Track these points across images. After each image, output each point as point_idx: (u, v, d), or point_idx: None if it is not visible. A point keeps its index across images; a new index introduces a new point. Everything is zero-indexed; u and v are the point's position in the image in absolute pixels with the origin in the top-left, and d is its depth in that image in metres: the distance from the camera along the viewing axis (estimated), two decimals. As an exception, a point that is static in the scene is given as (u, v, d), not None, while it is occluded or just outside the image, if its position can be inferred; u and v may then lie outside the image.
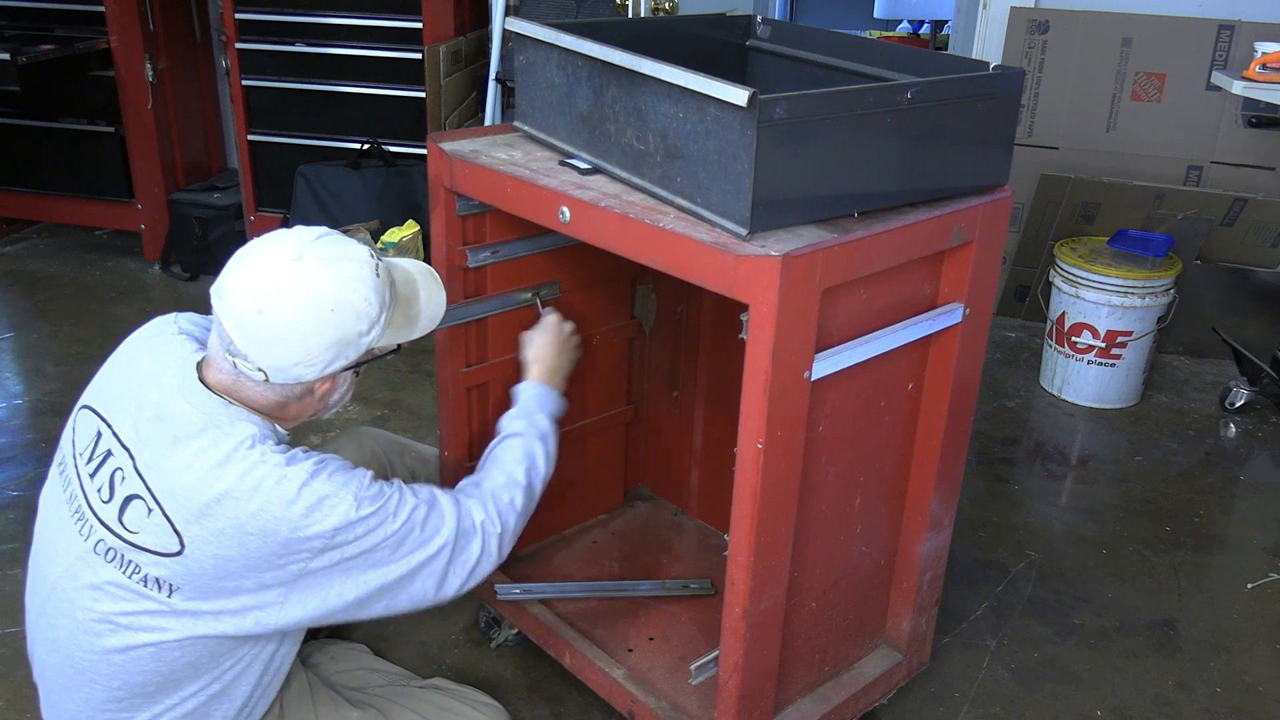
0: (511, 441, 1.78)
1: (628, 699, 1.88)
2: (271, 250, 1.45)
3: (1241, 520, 2.88)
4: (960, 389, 1.78)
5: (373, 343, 1.51)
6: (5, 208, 4.46)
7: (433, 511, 1.55)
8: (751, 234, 1.42)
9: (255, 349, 1.43)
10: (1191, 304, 3.54)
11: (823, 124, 1.42)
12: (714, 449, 2.38)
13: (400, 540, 1.50)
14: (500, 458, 1.75)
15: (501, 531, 1.63)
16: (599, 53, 1.60)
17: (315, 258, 1.44)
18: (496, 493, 1.67)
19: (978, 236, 1.65)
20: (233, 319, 1.42)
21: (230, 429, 1.45)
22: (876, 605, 1.97)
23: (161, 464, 1.44)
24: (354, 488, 1.46)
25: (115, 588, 1.45)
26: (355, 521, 1.45)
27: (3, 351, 3.57)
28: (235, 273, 1.45)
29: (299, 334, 1.42)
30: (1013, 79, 1.59)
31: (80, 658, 1.49)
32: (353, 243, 1.51)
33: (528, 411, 1.84)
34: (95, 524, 1.47)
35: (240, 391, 1.49)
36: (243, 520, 1.40)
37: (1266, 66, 2.99)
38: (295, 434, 1.59)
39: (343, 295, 1.44)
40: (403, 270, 1.62)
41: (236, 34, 3.96)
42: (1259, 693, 2.23)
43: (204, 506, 1.41)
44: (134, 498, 1.44)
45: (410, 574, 1.52)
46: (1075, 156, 3.85)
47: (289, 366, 1.44)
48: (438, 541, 1.54)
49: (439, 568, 1.55)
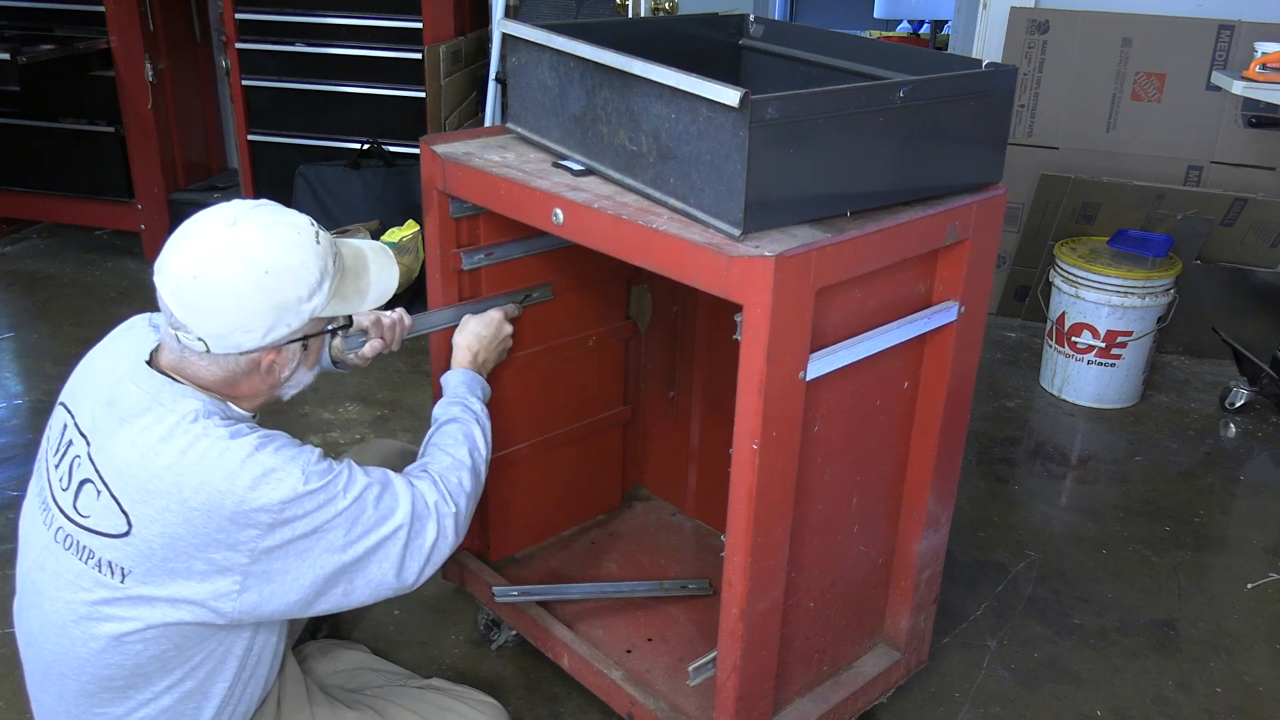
0: (449, 427, 1.77)
1: (626, 700, 1.88)
2: (207, 219, 1.45)
3: (1241, 520, 2.88)
4: (956, 387, 1.78)
5: (316, 310, 1.48)
6: (5, 208, 4.47)
7: (386, 491, 1.52)
8: (745, 234, 1.41)
9: (192, 317, 1.41)
10: (1191, 304, 3.53)
11: (815, 124, 1.41)
12: (711, 449, 2.38)
13: (353, 519, 1.47)
14: (441, 443, 1.74)
15: (456, 512, 1.61)
16: (591, 54, 1.60)
17: (250, 222, 1.43)
18: (444, 475, 1.65)
19: (972, 234, 1.65)
20: (170, 287, 1.41)
21: (173, 405, 1.43)
22: (874, 604, 1.96)
23: (107, 444, 1.43)
24: (301, 462, 1.44)
25: (73, 575, 1.44)
26: (303, 495, 1.42)
27: (3, 351, 3.58)
28: (173, 245, 1.45)
29: (234, 298, 1.41)
30: (1005, 76, 1.59)
31: (50, 650, 1.49)
32: (292, 212, 1.50)
33: (460, 397, 1.83)
34: (56, 512, 1.47)
35: (187, 369, 1.47)
36: (186, 495, 1.38)
37: (1266, 66, 2.98)
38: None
39: (278, 258, 1.43)
40: (351, 246, 1.60)
41: (236, 34, 3.96)
42: (1259, 693, 2.22)
43: (147, 482, 1.39)
44: (86, 482, 1.44)
45: (366, 555, 1.49)
46: (1075, 156, 3.84)
47: (228, 333, 1.42)
48: (393, 522, 1.51)
49: (396, 550, 1.52)
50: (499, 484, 2.17)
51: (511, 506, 2.24)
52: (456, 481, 1.66)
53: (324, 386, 3.31)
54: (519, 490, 2.23)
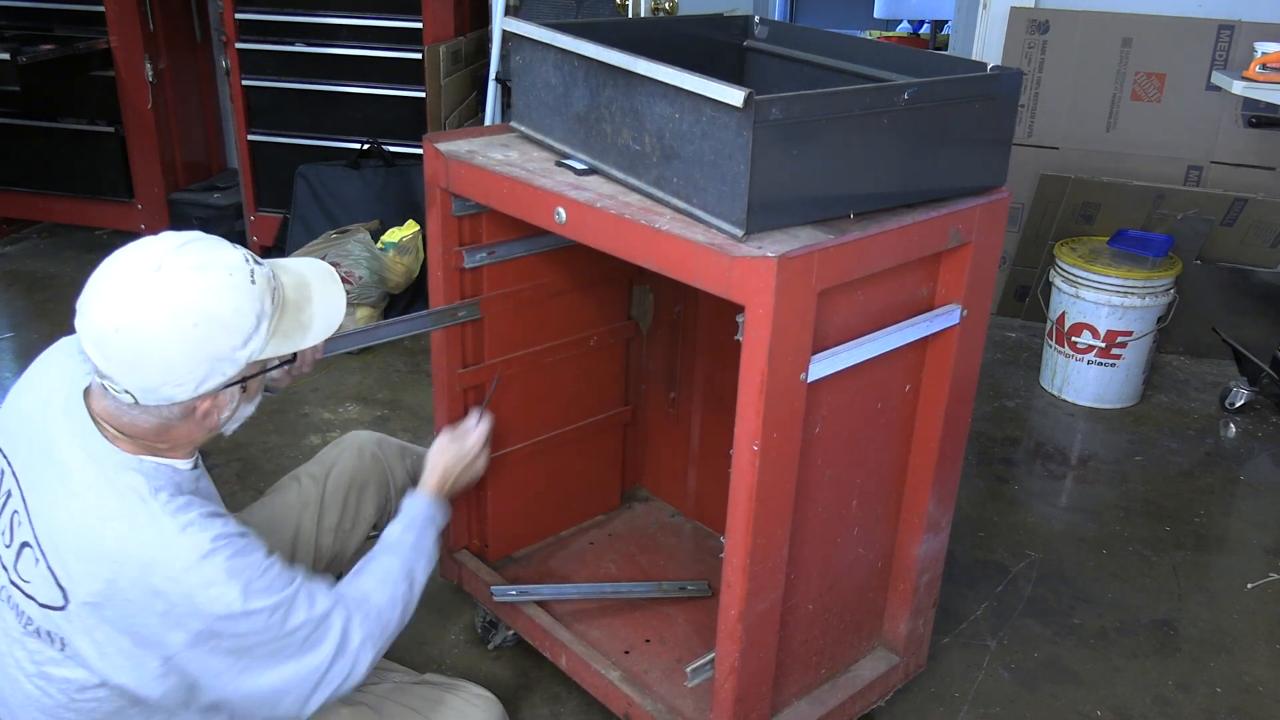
0: (392, 561, 1.67)
1: (624, 701, 1.88)
2: (130, 261, 1.34)
3: (1241, 520, 2.88)
4: (957, 390, 1.78)
5: (253, 355, 1.38)
6: (5, 208, 4.47)
7: (318, 630, 1.45)
8: (747, 235, 1.41)
9: (117, 370, 1.31)
10: (1191, 304, 3.53)
11: (819, 125, 1.41)
12: (711, 450, 2.37)
13: (280, 649, 1.41)
14: (385, 575, 1.64)
15: (374, 657, 1.55)
16: (595, 53, 1.60)
17: (175, 267, 1.32)
18: (381, 612, 1.57)
19: (975, 237, 1.64)
20: (91, 338, 1.31)
21: (117, 478, 1.35)
22: (874, 607, 1.96)
23: (47, 513, 1.36)
24: (246, 576, 1.36)
25: (17, 633, 1.40)
26: (239, 614, 1.35)
27: (3, 351, 3.57)
28: (93, 289, 1.34)
29: (160, 352, 1.30)
30: (1010, 80, 1.59)
31: (12, 696, 1.45)
32: (225, 247, 1.39)
33: (416, 526, 1.75)
34: (0, 568, 1.41)
35: (120, 418, 1.37)
36: (123, 585, 1.32)
37: (1266, 66, 2.99)
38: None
39: (207, 307, 1.32)
40: (293, 273, 1.49)
41: (236, 34, 3.95)
42: (1259, 693, 2.23)
43: (86, 563, 1.32)
44: (25, 545, 1.37)
45: (284, 687, 1.44)
46: (1075, 156, 3.84)
47: (155, 387, 1.32)
48: (314, 659, 1.45)
49: (308, 687, 1.46)
50: (498, 484, 2.17)
51: (510, 506, 2.23)
52: (384, 623, 1.58)
53: (324, 386, 3.31)
54: (518, 490, 2.23)
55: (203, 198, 4.26)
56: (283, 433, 3.00)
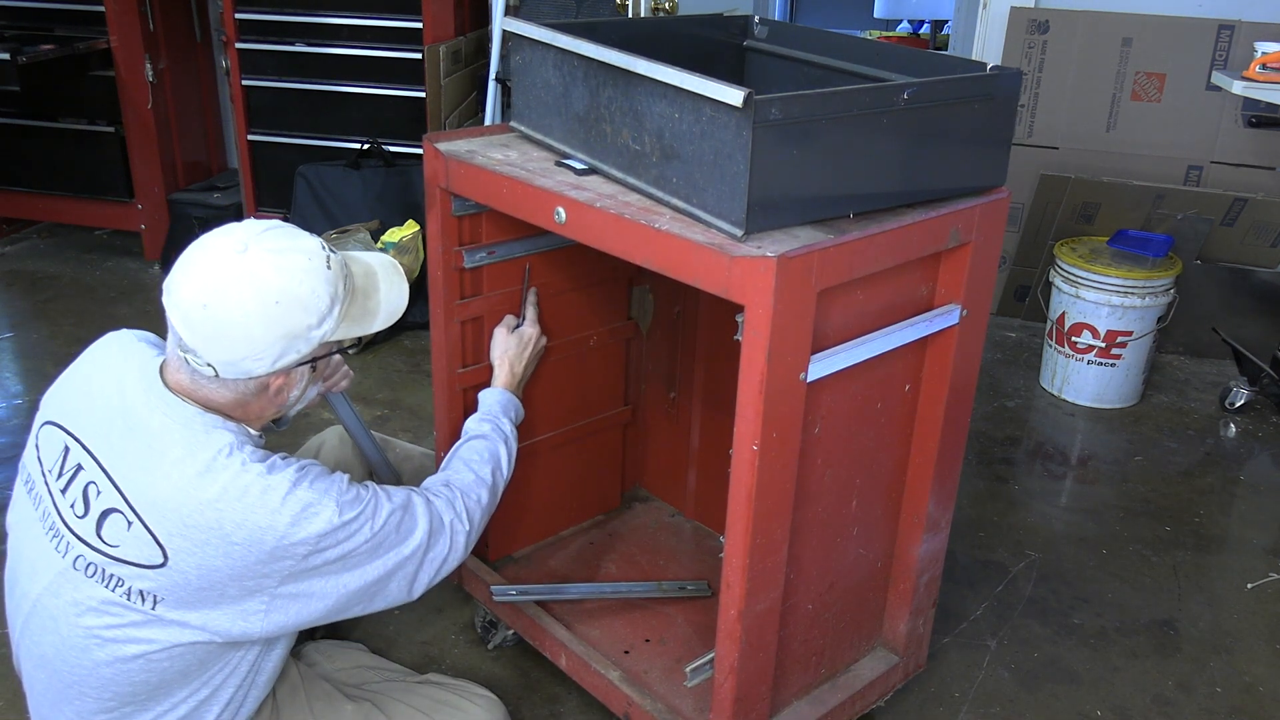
0: (477, 443, 1.84)
1: (623, 701, 1.88)
2: (217, 244, 1.44)
3: (1241, 520, 2.88)
4: (957, 390, 1.78)
5: (326, 336, 1.49)
6: (5, 208, 4.46)
7: (407, 515, 1.57)
8: (747, 235, 1.41)
9: (202, 344, 1.42)
10: (1191, 304, 3.53)
11: (819, 125, 1.41)
12: (711, 450, 2.37)
13: (378, 544, 1.52)
14: (467, 457, 1.80)
15: (469, 530, 1.68)
16: (595, 53, 1.60)
17: (260, 250, 1.43)
18: (465, 491, 1.72)
19: (975, 237, 1.65)
20: (179, 314, 1.42)
21: (207, 437, 1.44)
22: (873, 607, 1.96)
23: (139, 476, 1.43)
24: (334, 494, 1.46)
25: (99, 602, 1.44)
26: (338, 527, 1.46)
27: (3, 351, 3.57)
28: (182, 269, 1.44)
29: (243, 328, 1.41)
30: (1010, 80, 1.59)
31: (68, 673, 1.49)
32: (303, 235, 1.49)
33: (493, 415, 1.90)
34: (72, 539, 1.46)
35: (198, 391, 1.48)
36: (228, 530, 1.40)
37: (1266, 66, 2.99)
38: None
39: (288, 287, 1.43)
40: (362, 263, 1.61)
41: (236, 34, 3.95)
42: (1259, 693, 2.23)
43: (186, 517, 1.40)
44: (111, 511, 1.43)
45: (387, 575, 1.55)
46: (1075, 156, 3.84)
47: (237, 360, 1.43)
48: (412, 543, 1.57)
49: (411, 569, 1.58)
50: (499, 484, 2.17)
51: (511, 506, 2.22)
52: (475, 499, 1.72)
53: (324, 386, 3.31)
54: (518, 489, 2.21)
55: (203, 198, 4.26)
56: (283, 433, 2.99)
